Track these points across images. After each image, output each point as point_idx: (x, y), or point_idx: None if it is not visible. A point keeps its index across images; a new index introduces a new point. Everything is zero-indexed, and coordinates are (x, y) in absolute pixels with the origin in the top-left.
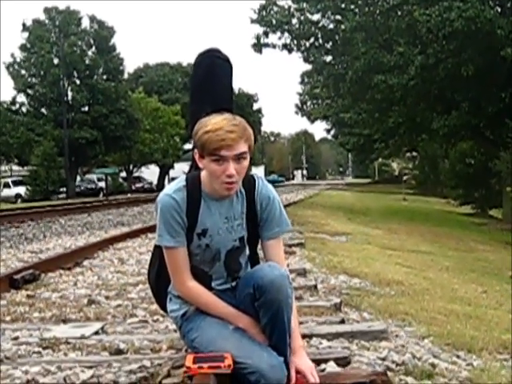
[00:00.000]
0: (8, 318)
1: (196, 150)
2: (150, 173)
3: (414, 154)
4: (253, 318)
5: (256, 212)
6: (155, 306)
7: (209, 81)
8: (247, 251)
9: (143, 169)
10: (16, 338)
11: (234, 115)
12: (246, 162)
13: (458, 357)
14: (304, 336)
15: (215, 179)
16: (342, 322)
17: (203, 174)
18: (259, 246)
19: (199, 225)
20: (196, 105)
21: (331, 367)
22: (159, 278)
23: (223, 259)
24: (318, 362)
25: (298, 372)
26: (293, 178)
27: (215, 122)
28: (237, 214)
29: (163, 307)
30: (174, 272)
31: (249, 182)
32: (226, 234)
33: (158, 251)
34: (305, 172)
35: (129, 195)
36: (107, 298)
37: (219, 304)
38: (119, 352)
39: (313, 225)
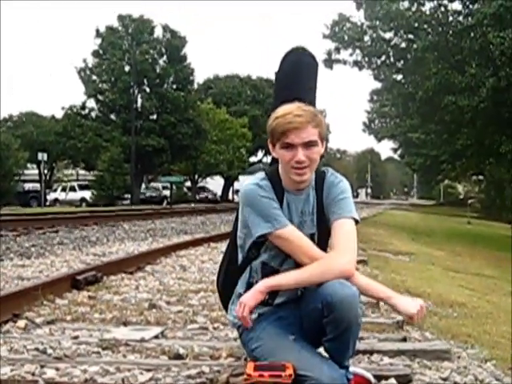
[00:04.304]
0: (69, 318)
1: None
2: (215, 184)
3: (481, 177)
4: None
5: (323, 201)
6: (216, 314)
7: (294, 78)
8: None
9: (208, 179)
10: (76, 338)
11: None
12: (318, 149)
13: None
14: (365, 352)
15: (285, 165)
16: (404, 340)
17: (280, 168)
18: None
19: None
20: (279, 101)
21: None
22: (226, 279)
23: None
24: (378, 379)
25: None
26: (357, 196)
27: (285, 108)
28: (310, 208)
29: (227, 308)
30: (300, 254)
31: (319, 176)
32: (298, 228)
33: (227, 251)
34: (369, 190)
35: (193, 205)
36: (168, 303)
37: None
38: (178, 357)
39: (376, 243)
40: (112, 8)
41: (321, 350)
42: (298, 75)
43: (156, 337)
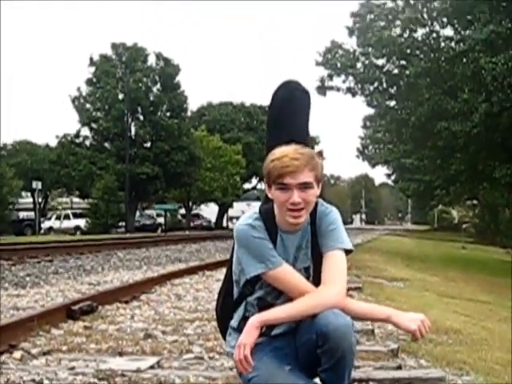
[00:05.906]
0: (65, 348)
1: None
2: (209, 211)
3: (475, 202)
4: (312, 364)
5: (316, 232)
6: (211, 343)
7: (286, 114)
8: None
9: (202, 206)
10: (72, 368)
11: (305, 147)
12: (313, 191)
13: None
14: (360, 380)
15: (281, 207)
16: (399, 367)
17: (275, 208)
18: None
19: None
20: (271, 138)
21: None
22: (223, 311)
23: None
24: None
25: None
26: (351, 222)
27: (282, 151)
28: (305, 243)
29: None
30: (293, 291)
31: (312, 209)
32: (292, 263)
33: (225, 281)
34: (363, 216)
35: (187, 232)
36: (164, 332)
37: None
38: None
39: (371, 269)
40: (105, 36)
41: (317, 380)
42: (289, 112)
43: (152, 367)
